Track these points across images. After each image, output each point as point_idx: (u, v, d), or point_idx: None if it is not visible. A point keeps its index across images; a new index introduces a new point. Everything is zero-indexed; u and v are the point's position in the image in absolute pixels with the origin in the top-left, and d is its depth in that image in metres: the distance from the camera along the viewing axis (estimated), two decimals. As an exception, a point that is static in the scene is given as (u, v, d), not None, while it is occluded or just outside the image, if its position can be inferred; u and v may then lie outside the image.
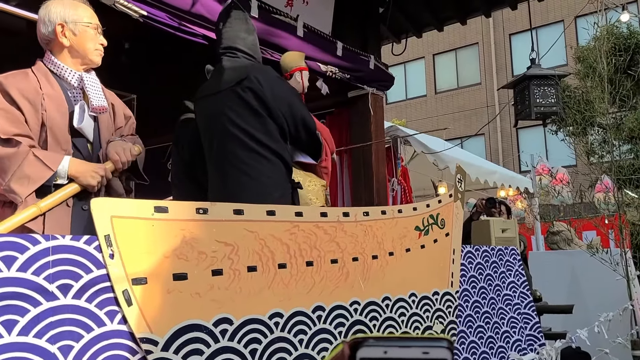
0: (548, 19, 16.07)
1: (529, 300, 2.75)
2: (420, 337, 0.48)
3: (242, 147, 2.33)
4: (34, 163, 1.80)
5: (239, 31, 2.53)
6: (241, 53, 2.49)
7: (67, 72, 2.01)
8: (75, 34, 2.00)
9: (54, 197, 1.83)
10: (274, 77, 2.44)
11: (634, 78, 4.08)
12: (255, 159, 2.33)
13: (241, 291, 1.46)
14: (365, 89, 4.29)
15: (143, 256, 1.28)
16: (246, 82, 2.35)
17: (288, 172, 2.45)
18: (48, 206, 1.80)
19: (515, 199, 9.04)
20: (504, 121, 16.94)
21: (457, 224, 2.38)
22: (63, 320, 1.12)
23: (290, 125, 2.41)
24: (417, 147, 5.90)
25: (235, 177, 2.35)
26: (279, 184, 2.37)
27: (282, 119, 2.37)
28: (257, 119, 2.34)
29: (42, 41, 2.05)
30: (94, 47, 2.05)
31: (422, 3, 5.21)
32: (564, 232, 5.47)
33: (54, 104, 1.92)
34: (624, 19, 7.27)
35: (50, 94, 1.93)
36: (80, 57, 2.04)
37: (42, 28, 2.01)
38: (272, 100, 2.34)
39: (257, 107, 2.33)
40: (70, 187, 1.88)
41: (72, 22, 2.00)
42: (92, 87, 2.03)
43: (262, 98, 2.33)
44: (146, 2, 2.60)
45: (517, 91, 4.76)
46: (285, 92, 2.44)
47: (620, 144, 4.43)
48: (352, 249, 1.82)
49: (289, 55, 3.18)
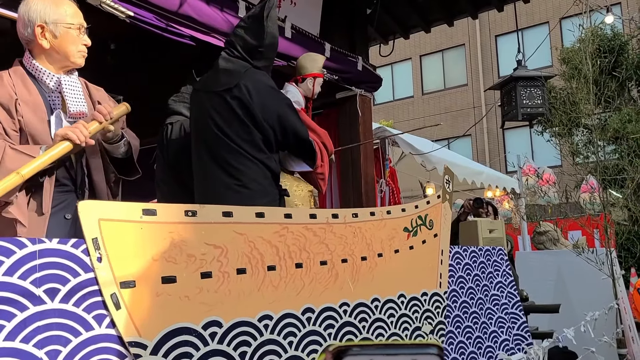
0: (533, 20, 16.23)
1: (516, 300, 2.77)
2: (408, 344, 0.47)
3: (231, 151, 2.33)
4: (15, 155, 1.69)
5: (248, 31, 2.46)
6: (237, 52, 2.45)
7: (45, 75, 1.87)
8: (56, 35, 1.86)
9: (35, 163, 1.68)
10: (266, 87, 2.42)
11: (618, 79, 4.14)
12: (244, 163, 2.33)
13: (230, 294, 1.45)
14: (354, 90, 4.30)
15: (131, 259, 1.27)
16: (236, 90, 2.34)
17: (275, 179, 2.44)
18: (30, 172, 1.66)
19: (502, 199, 9.11)
20: (490, 122, 17.08)
21: (446, 225, 2.39)
22: (50, 325, 1.11)
23: (278, 135, 2.40)
24: (405, 148, 5.92)
25: (221, 178, 2.34)
26: (266, 190, 2.37)
27: (270, 130, 2.36)
28: (242, 128, 2.32)
29: (22, 40, 1.90)
30: (76, 49, 1.90)
31: (409, 5, 5.24)
32: (551, 232, 5.52)
33: (30, 109, 1.81)
34: (608, 20, 7.36)
35: (26, 99, 1.81)
36: (61, 60, 1.90)
37: (22, 28, 1.87)
38: (260, 112, 2.33)
39: (243, 117, 2.31)
40: (58, 147, 1.73)
41: (52, 23, 1.85)
42: (71, 91, 1.89)
43: (248, 108, 2.32)
44: (133, 3, 2.58)
45: (504, 92, 4.81)
46: (275, 103, 2.41)
47: (605, 145, 4.48)
48: (341, 250, 1.82)
49: (308, 57, 3.12)
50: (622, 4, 15.05)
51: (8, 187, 1.61)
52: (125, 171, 2.09)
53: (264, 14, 2.47)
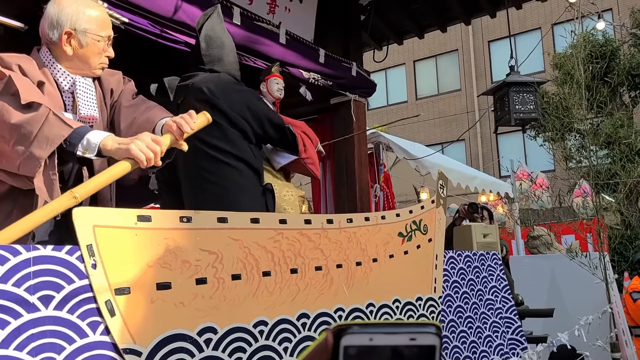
0: (526, 26, 16.34)
1: (510, 304, 2.78)
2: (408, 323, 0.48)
3: (204, 157, 2.37)
4: (54, 122, 1.51)
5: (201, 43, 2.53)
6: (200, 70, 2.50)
7: (60, 73, 1.78)
8: (82, 45, 1.77)
9: (90, 184, 1.51)
10: (228, 83, 2.45)
11: (610, 85, 4.18)
12: (217, 166, 2.36)
13: (225, 300, 1.45)
14: (348, 96, 4.31)
15: (126, 266, 1.26)
16: (199, 94, 2.37)
17: (256, 176, 2.45)
18: (85, 194, 1.47)
19: (496, 203, 9.15)
20: (483, 127, 17.15)
21: (440, 230, 2.40)
22: (44, 332, 1.10)
23: (254, 126, 2.42)
24: (399, 153, 5.94)
25: (200, 185, 2.38)
26: (245, 187, 2.38)
27: (243, 122, 2.39)
28: (215, 128, 2.33)
29: (43, 38, 1.80)
30: (98, 60, 1.82)
31: (403, 11, 5.27)
32: (544, 237, 5.54)
33: (52, 101, 1.70)
34: (600, 27, 7.43)
35: (49, 91, 1.73)
36: (81, 67, 1.81)
37: (47, 28, 1.76)
38: (228, 107, 2.36)
39: (214, 117, 2.33)
40: (119, 166, 1.52)
41: (82, 32, 1.76)
42: (84, 93, 1.80)
43: (217, 107, 2.33)
44: (128, 10, 2.58)
45: (497, 98, 4.83)
46: (241, 95, 2.44)
47: (597, 150, 4.51)
48: (336, 255, 1.82)
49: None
50: (614, 10, 15.18)
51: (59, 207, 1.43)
52: None
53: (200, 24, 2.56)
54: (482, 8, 5.28)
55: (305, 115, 4.43)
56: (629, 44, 12.05)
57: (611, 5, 15.21)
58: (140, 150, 1.51)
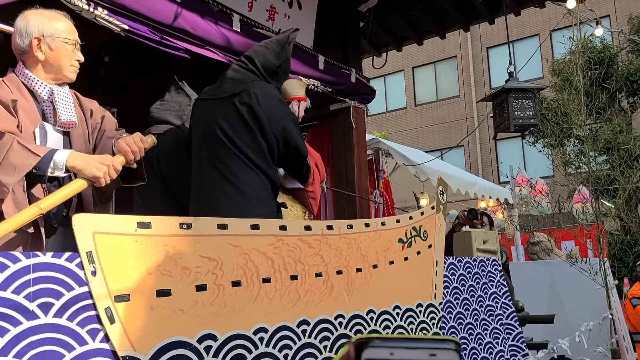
0: (524, 32, 16.39)
1: (511, 310, 2.77)
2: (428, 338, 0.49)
3: (233, 157, 2.33)
4: (19, 151, 1.66)
5: (269, 50, 2.54)
6: (252, 65, 2.49)
7: (38, 84, 1.92)
8: (52, 48, 1.92)
9: (55, 196, 1.68)
10: (274, 97, 2.44)
11: (608, 91, 4.19)
12: (245, 172, 2.32)
13: (225, 306, 1.45)
14: (347, 102, 4.32)
15: (126, 273, 1.26)
16: (244, 95, 2.35)
17: (274, 191, 2.44)
18: (49, 206, 1.64)
19: (495, 209, 9.14)
20: (482, 133, 17.17)
21: (440, 236, 2.39)
22: (43, 340, 1.10)
23: (281, 147, 2.41)
24: (399, 159, 5.95)
25: (221, 185, 2.34)
26: (265, 200, 2.36)
27: (273, 139, 2.37)
28: (248, 134, 2.33)
29: (16, 52, 1.97)
30: (69, 63, 1.97)
31: (402, 17, 5.29)
32: (544, 243, 5.54)
33: (27, 116, 1.84)
34: (598, 33, 7.45)
35: (24, 106, 1.85)
36: (54, 72, 1.96)
37: (18, 39, 1.92)
38: (266, 120, 2.34)
39: (250, 122, 2.33)
40: (75, 184, 1.72)
41: (49, 37, 1.91)
42: (62, 101, 1.93)
43: (256, 114, 2.33)
44: (128, 17, 2.58)
45: (496, 104, 4.84)
46: (281, 115, 2.43)
47: (596, 155, 4.51)
48: (336, 262, 1.82)
49: (290, 82, 3.16)
50: (612, 16, 15.24)
51: (25, 219, 1.58)
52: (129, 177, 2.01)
53: (288, 39, 2.58)
54: (480, 15, 5.30)
55: (304, 121, 4.42)
56: (627, 50, 12.09)
57: (609, 11, 15.28)
58: (98, 170, 1.73)
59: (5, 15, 2.36)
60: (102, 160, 1.75)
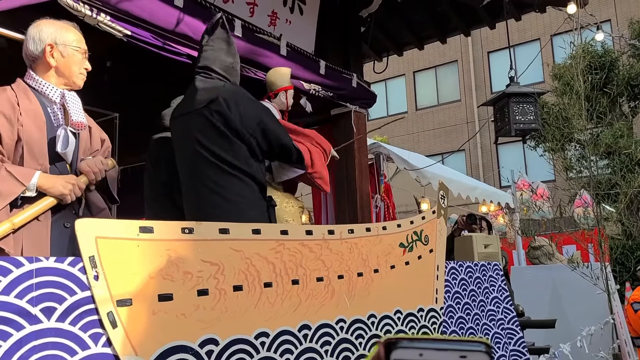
0: (525, 37, 16.41)
1: (512, 315, 2.77)
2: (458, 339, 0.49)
3: (213, 168, 2.36)
4: (6, 178, 1.78)
5: (219, 52, 2.53)
6: (215, 74, 2.50)
7: (49, 88, 2.02)
8: (64, 55, 2.03)
9: (27, 212, 1.80)
10: (244, 98, 2.45)
11: (609, 95, 4.20)
12: (227, 179, 2.35)
13: (227, 311, 1.45)
14: (348, 107, 4.33)
15: (128, 277, 1.26)
16: (214, 104, 2.37)
17: (262, 190, 2.45)
18: (22, 221, 1.76)
19: (496, 214, 9.14)
20: (483, 137, 17.18)
21: (441, 240, 2.40)
22: (46, 344, 1.10)
23: (261, 143, 2.42)
24: (400, 164, 5.95)
25: (206, 197, 2.37)
26: (253, 202, 2.39)
27: (252, 139, 2.39)
28: (224, 141, 2.36)
29: (28, 58, 2.06)
30: (78, 70, 2.08)
31: (403, 22, 5.30)
32: (545, 247, 5.53)
33: (30, 117, 1.93)
34: (599, 38, 7.46)
35: (27, 108, 1.94)
36: (65, 78, 2.06)
37: (31, 45, 2.02)
38: (239, 123, 2.36)
39: (225, 130, 2.35)
40: (45, 201, 1.86)
41: (62, 44, 2.03)
42: (73, 103, 2.05)
43: (229, 120, 2.35)
44: (130, 22, 2.60)
45: (497, 108, 4.84)
46: (254, 113, 2.44)
47: (597, 160, 4.51)
48: (337, 266, 1.82)
49: (274, 73, 3.17)
50: (612, 21, 15.27)
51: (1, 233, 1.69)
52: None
53: (227, 30, 2.55)
54: (481, 19, 5.31)
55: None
56: (628, 54, 12.10)
57: (610, 16, 15.30)
58: (64, 188, 1.88)
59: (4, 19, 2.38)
60: (68, 180, 1.92)
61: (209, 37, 2.56)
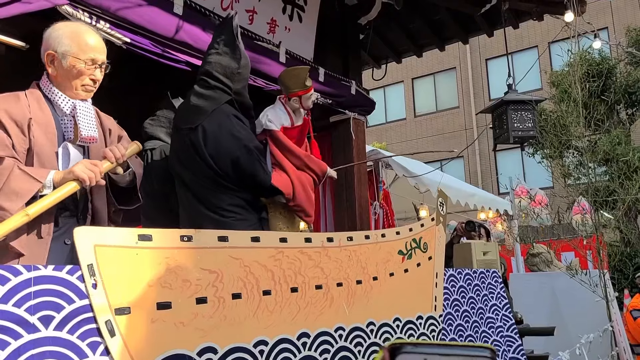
0: (523, 44, 16.48)
1: (511, 322, 2.77)
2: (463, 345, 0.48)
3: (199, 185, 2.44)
4: (21, 176, 1.70)
5: (223, 55, 2.51)
6: (214, 81, 2.49)
7: (60, 98, 1.92)
8: (63, 66, 1.90)
9: (42, 202, 1.70)
10: (226, 134, 2.44)
11: (607, 102, 4.22)
12: (216, 196, 2.41)
13: (226, 319, 1.45)
14: (347, 114, 4.34)
15: (127, 285, 1.26)
16: (193, 135, 2.41)
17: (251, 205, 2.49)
18: (37, 212, 1.67)
19: (495, 220, 9.14)
20: (482, 144, 17.20)
21: (440, 248, 2.39)
22: (44, 353, 1.10)
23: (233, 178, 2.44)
24: (398, 171, 5.95)
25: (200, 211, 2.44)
26: (245, 217, 2.44)
27: (222, 172, 2.43)
28: (200, 168, 2.43)
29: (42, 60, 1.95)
30: (80, 83, 1.93)
31: (402, 30, 5.33)
32: (544, 254, 5.53)
33: (42, 129, 1.84)
34: (596, 45, 7.50)
35: (39, 119, 1.85)
36: (66, 89, 1.93)
37: (42, 50, 1.93)
38: (211, 158, 2.40)
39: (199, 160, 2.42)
40: (65, 188, 1.75)
41: (61, 54, 1.89)
42: (84, 116, 1.93)
43: (201, 155, 2.40)
44: (129, 30, 2.60)
45: (495, 116, 4.86)
46: (231, 150, 2.43)
47: (595, 167, 4.52)
48: (336, 274, 1.82)
49: (288, 74, 2.98)
50: (609, 28, 15.34)
51: (15, 226, 1.61)
52: (126, 199, 2.09)
53: (235, 33, 2.52)
54: (479, 27, 5.34)
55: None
56: (626, 62, 12.15)
57: (607, 24, 15.37)
58: (82, 172, 1.77)
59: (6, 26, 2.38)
60: (86, 165, 1.81)
61: (217, 38, 2.57)
